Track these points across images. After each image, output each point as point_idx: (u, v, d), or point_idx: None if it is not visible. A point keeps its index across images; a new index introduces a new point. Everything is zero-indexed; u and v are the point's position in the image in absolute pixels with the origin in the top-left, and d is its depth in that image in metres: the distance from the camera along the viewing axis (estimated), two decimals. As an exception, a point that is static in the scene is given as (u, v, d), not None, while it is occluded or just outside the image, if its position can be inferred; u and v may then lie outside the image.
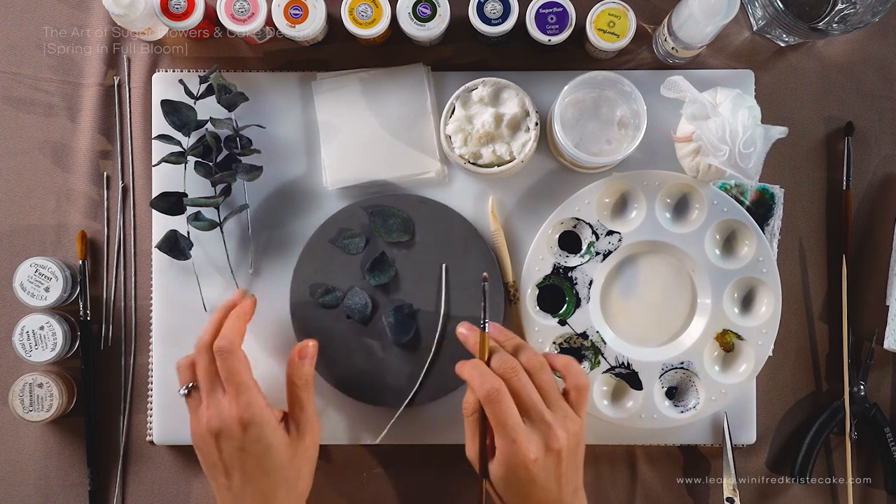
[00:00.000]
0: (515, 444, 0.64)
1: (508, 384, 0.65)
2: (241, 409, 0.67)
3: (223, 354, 0.68)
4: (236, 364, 0.68)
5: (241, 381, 0.68)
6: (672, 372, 0.80)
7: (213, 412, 0.68)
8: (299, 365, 0.72)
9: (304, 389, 0.71)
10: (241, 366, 0.68)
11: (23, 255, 0.82)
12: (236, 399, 0.67)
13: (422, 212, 0.80)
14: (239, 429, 0.67)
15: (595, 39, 0.77)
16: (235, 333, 0.70)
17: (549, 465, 0.65)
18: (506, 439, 0.64)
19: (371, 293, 0.79)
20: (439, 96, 0.82)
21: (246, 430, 0.67)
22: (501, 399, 0.64)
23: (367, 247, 0.80)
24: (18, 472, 0.82)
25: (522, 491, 0.65)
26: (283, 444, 0.68)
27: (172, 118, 0.78)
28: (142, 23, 0.78)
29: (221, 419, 0.67)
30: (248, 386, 0.68)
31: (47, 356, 0.79)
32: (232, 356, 0.68)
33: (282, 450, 0.68)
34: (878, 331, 0.82)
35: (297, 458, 0.69)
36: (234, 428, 0.67)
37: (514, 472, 0.64)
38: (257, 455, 0.67)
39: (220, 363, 0.68)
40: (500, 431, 0.64)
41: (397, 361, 0.79)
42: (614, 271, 0.81)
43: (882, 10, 0.75)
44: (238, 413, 0.67)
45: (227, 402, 0.67)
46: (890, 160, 0.84)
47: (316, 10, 0.77)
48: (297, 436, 0.70)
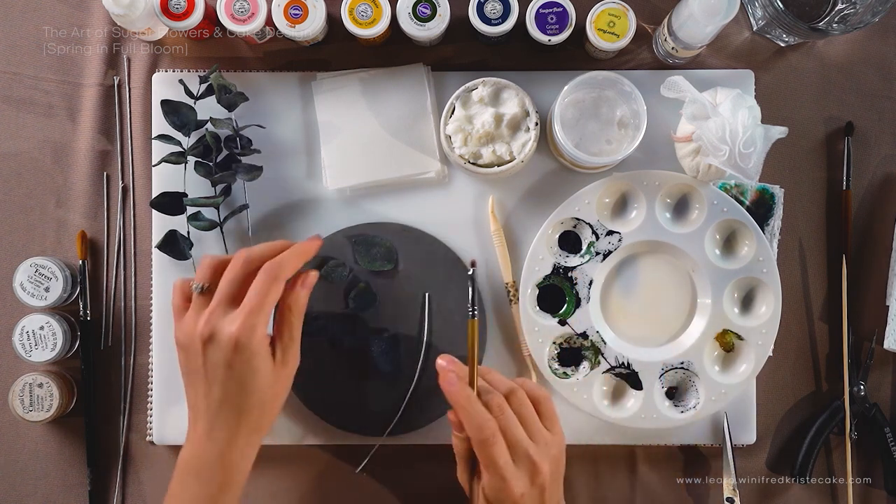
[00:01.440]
0: (504, 482, 0.65)
1: (497, 422, 0.67)
2: (242, 330, 0.65)
3: (269, 275, 0.67)
4: (273, 289, 0.67)
5: (262, 305, 0.66)
6: (672, 372, 0.80)
7: (215, 320, 0.66)
8: (298, 292, 0.70)
9: (297, 317, 0.70)
10: (274, 294, 0.67)
11: (23, 255, 0.82)
12: (244, 317, 0.65)
13: (405, 240, 0.80)
14: (231, 346, 0.65)
15: (595, 39, 0.77)
16: (289, 264, 0.68)
17: (534, 495, 0.67)
18: (495, 478, 0.66)
19: (354, 322, 0.79)
20: (439, 96, 0.82)
21: (237, 351, 0.65)
22: (496, 442, 0.66)
23: (351, 275, 0.80)
24: (18, 472, 0.82)
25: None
26: (268, 370, 0.67)
27: (172, 118, 0.78)
28: (142, 23, 0.78)
29: (219, 330, 0.66)
30: (264, 313, 0.66)
31: (47, 356, 0.79)
32: (275, 282, 0.67)
33: (266, 375, 0.67)
34: (878, 331, 0.82)
35: (278, 384, 0.69)
36: (226, 343, 0.65)
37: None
38: (241, 374, 0.66)
39: (261, 280, 0.67)
40: (491, 471, 0.66)
41: (379, 390, 0.79)
42: (614, 271, 0.81)
43: (882, 10, 0.75)
44: (237, 332, 0.65)
45: (233, 317, 0.66)
46: (890, 160, 0.84)
47: (316, 10, 0.77)
48: (282, 362, 0.69)
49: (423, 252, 0.80)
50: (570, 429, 0.81)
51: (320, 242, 0.72)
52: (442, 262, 0.80)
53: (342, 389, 0.79)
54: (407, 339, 0.79)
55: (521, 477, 0.66)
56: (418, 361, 0.79)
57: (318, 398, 0.79)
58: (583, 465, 0.82)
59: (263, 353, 0.67)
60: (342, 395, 0.79)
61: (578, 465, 0.82)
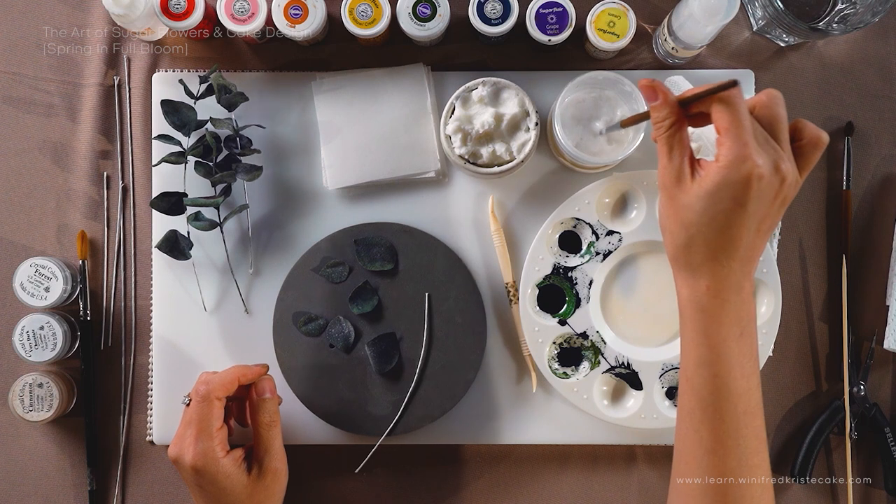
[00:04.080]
0: (747, 148, 0.55)
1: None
2: (196, 457, 0.69)
3: (198, 398, 0.70)
4: (206, 412, 0.70)
5: (203, 430, 0.69)
6: (672, 372, 0.80)
7: (178, 443, 0.70)
8: (259, 404, 0.73)
9: (269, 429, 0.72)
10: (210, 415, 0.70)
11: (23, 255, 0.82)
12: (194, 444, 0.69)
13: (405, 240, 0.80)
14: (192, 471, 0.69)
15: (595, 39, 0.77)
16: (220, 384, 0.71)
17: (767, 190, 0.56)
18: (737, 142, 0.55)
19: (354, 322, 0.79)
20: (439, 96, 0.82)
21: (200, 475, 0.69)
22: (740, 98, 0.56)
23: (351, 275, 0.80)
24: (18, 472, 0.82)
25: (724, 211, 0.57)
26: (238, 485, 0.70)
27: (172, 118, 0.78)
28: (142, 23, 0.78)
29: (181, 456, 0.69)
30: (208, 435, 0.69)
31: (47, 356, 0.79)
32: (204, 403, 0.70)
33: (237, 490, 0.70)
34: (878, 331, 0.82)
35: (257, 494, 0.71)
36: (189, 469, 0.69)
37: (731, 184, 0.56)
38: (211, 493, 0.70)
39: (194, 405, 0.70)
40: (733, 133, 0.55)
41: (380, 390, 0.79)
42: (614, 271, 0.81)
43: (882, 10, 0.75)
44: (192, 460, 0.69)
45: (189, 443, 0.69)
46: (890, 160, 0.84)
47: (316, 10, 0.77)
48: (258, 476, 0.71)
49: (423, 252, 0.80)
50: (570, 429, 0.81)
51: (263, 371, 0.75)
52: (442, 262, 0.80)
53: (342, 389, 0.79)
54: (407, 339, 0.79)
55: (764, 155, 0.56)
56: (418, 361, 0.79)
57: (318, 398, 0.79)
58: (583, 465, 0.82)
59: (228, 472, 0.69)
60: (342, 395, 0.79)
61: (578, 465, 0.82)
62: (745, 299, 0.59)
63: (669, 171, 0.59)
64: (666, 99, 0.59)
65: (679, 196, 0.58)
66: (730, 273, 0.58)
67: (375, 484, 0.83)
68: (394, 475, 0.83)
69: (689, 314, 0.60)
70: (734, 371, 0.59)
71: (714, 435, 0.60)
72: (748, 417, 0.60)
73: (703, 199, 0.57)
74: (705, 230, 0.58)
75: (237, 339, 0.81)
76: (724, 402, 0.59)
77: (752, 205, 0.56)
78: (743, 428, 0.59)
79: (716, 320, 0.59)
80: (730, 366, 0.59)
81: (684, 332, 0.61)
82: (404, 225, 0.81)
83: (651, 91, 0.59)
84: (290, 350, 0.79)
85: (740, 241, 0.58)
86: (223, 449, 0.70)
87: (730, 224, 0.57)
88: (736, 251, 0.58)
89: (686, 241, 0.59)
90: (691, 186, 0.58)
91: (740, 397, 0.59)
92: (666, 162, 0.59)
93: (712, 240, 0.58)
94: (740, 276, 0.59)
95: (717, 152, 0.56)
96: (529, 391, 0.81)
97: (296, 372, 0.79)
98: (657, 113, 0.59)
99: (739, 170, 0.55)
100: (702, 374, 0.60)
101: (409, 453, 0.82)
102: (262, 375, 0.74)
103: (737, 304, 0.59)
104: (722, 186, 0.56)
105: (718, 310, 0.59)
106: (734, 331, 0.59)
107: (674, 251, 0.60)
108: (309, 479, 0.82)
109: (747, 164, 0.55)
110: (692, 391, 0.60)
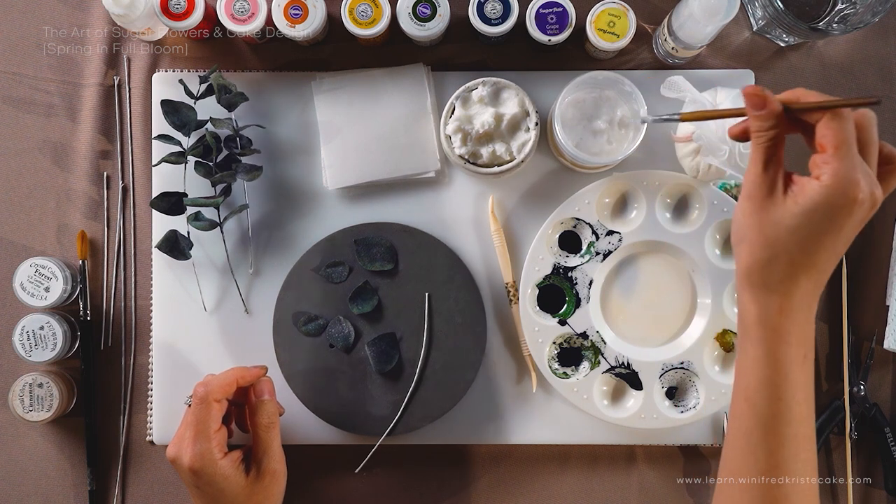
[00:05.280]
0: (856, 172, 0.52)
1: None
2: (193, 458, 0.69)
3: (196, 400, 0.70)
4: (204, 413, 0.70)
5: (201, 431, 0.70)
6: (672, 372, 0.80)
7: (176, 443, 0.70)
8: (258, 405, 0.73)
9: (268, 430, 0.73)
10: (207, 416, 0.70)
11: (23, 255, 0.82)
12: (191, 446, 0.69)
13: (405, 240, 0.80)
14: (190, 472, 0.69)
15: (595, 39, 0.77)
16: (219, 386, 0.71)
17: (863, 215, 0.54)
18: (845, 163, 0.53)
19: (354, 322, 0.79)
20: (439, 96, 0.82)
21: (197, 476, 0.69)
22: (851, 116, 0.53)
23: (351, 275, 0.80)
24: (18, 472, 0.82)
25: (818, 232, 0.54)
26: (236, 486, 0.70)
27: (172, 118, 0.78)
28: (142, 23, 0.78)
29: (179, 457, 0.70)
30: (206, 437, 0.69)
31: (47, 356, 0.79)
32: (203, 405, 0.70)
33: (235, 491, 0.70)
34: (878, 331, 0.82)
35: (255, 495, 0.71)
36: (186, 470, 0.69)
37: (832, 206, 0.53)
38: (209, 494, 0.70)
39: (192, 407, 0.70)
40: (843, 152, 0.53)
41: (380, 390, 0.79)
42: (614, 271, 0.81)
43: (882, 10, 0.75)
44: (190, 461, 0.69)
45: (186, 445, 0.70)
46: (890, 160, 0.84)
47: (316, 10, 0.77)
48: (256, 477, 0.72)
49: (423, 252, 0.80)
50: (570, 429, 0.81)
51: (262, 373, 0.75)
52: (442, 262, 0.80)
53: (342, 389, 0.79)
54: (407, 339, 0.79)
55: (866, 178, 0.53)
56: (418, 361, 0.79)
57: (318, 398, 0.79)
58: (583, 465, 0.82)
59: (225, 473, 0.70)
60: (342, 395, 0.79)
61: (578, 465, 0.82)
62: (811, 321, 0.58)
63: (762, 181, 0.56)
64: (773, 110, 0.56)
65: (768, 209, 0.55)
66: (804, 294, 0.56)
67: (375, 484, 0.83)
68: (394, 475, 0.83)
69: (756, 333, 0.57)
70: (798, 395, 0.57)
71: (771, 458, 0.57)
72: (806, 443, 0.58)
73: (797, 216, 0.54)
74: (792, 248, 0.55)
75: (237, 339, 0.81)
76: (785, 427, 0.57)
77: (848, 229, 0.54)
78: (802, 453, 0.57)
79: (784, 341, 0.56)
80: (795, 389, 0.57)
81: (746, 350, 0.58)
82: (404, 225, 0.81)
83: (758, 99, 0.56)
84: (290, 350, 0.79)
85: (824, 262, 0.55)
86: (221, 450, 0.70)
87: (820, 246, 0.55)
88: (815, 272, 0.56)
89: (768, 258, 0.56)
90: (783, 201, 0.55)
91: (801, 423, 0.57)
92: (760, 171, 0.56)
93: (797, 259, 0.55)
94: (811, 298, 0.57)
95: (818, 171, 0.54)
96: (529, 391, 0.81)
97: (296, 372, 0.79)
98: (762, 122, 0.56)
99: (846, 193, 0.53)
100: (764, 396, 0.57)
101: (409, 453, 0.82)
102: (260, 377, 0.74)
103: (805, 326, 0.57)
104: (822, 206, 0.53)
105: (788, 330, 0.57)
106: (800, 352, 0.57)
107: (749, 265, 0.57)
108: (309, 479, 0.82)
109: (853, 188, 0.53)
110: (752, 412, 0.58)
